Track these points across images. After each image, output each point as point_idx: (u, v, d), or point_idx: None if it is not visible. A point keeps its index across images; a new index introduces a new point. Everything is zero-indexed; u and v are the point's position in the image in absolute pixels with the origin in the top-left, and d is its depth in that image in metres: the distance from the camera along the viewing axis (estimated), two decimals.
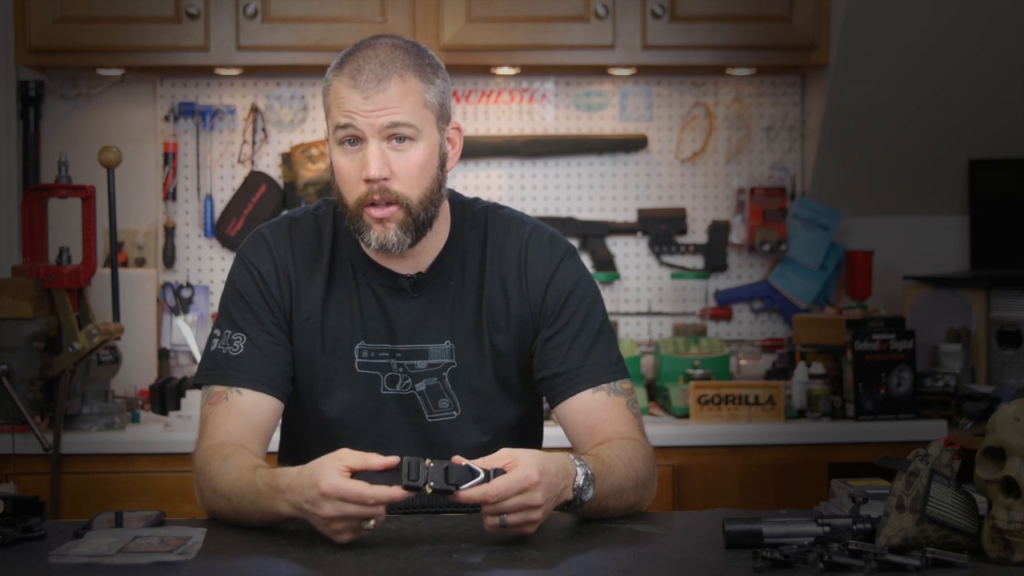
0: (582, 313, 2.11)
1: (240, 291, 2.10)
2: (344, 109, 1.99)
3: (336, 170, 2.03)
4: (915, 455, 1.73)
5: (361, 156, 1.99)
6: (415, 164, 2.00)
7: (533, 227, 2.16)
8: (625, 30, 3.63)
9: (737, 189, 3.98)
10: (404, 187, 2.00)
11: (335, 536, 1.78)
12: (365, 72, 1.98)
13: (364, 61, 1.99)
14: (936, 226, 4.02)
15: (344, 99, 1.99)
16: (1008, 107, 3.81)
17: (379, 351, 2.10)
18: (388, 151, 1.99)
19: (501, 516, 1.76)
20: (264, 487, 1.86)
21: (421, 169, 2.01)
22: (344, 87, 1.99)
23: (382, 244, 2.02)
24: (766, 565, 1.67)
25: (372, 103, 1.97)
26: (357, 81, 1.98)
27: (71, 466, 3.23)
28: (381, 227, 2.01)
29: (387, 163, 1.99)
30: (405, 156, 2.00)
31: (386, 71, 1.98)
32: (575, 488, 1.86)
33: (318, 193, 3.80)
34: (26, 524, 1.86)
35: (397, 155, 2.00)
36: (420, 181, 2.01)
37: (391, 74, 1.98)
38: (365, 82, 1.98)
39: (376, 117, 1.97)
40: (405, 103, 1.98)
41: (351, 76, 1.99)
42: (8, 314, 3.15)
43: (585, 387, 2.08)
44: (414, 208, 2.01)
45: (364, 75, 1.98)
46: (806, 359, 3.60)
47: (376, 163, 1.98)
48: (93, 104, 3.88)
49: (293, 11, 3.59)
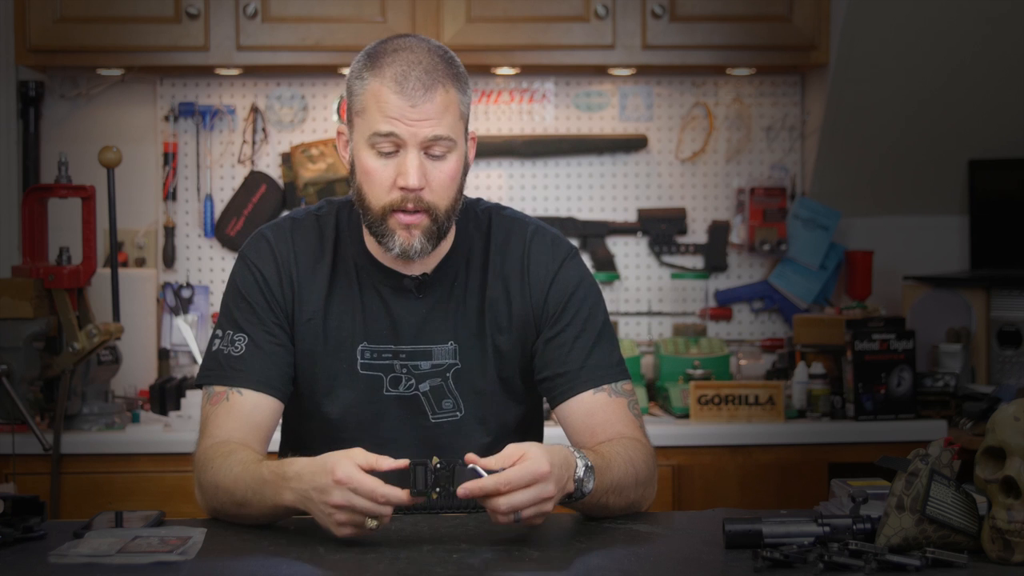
0: (584, 314, 2.11)
1: (242, 291, 2.10)
2: (388, 115, 1.96)
3: (365, 171, 2.00)
4: (915, 455, 1.73)
5: (396, 163, 1.98)
6: (449, 175, 2.00)
7: (536, 228, 2.16)
8: (625, 30, 3.63)
9: (737, 189, 3.98)
10: (436, 197, 2.00)
11: (336, 528, 1.77)
12: (411, 79, 1.96)
13: (408, 67, 1.97)
14: (936, 226, 4.02)
15: (388, 104, 1.96)
16: (1008, 107, 3.81)
17: (382, 352, 2.10)
18: (425, 160, 1.98)
19: (516, 513, 1.75)
20: (270, 476, 1.86)
21: (452, 179, 2.01)
22: (389, 91, 1.96)
23: (405, 250, 2.01)
24: (766, 565, 1.67)
25: (418, 112, 1.95)
26: (404, 88, 1.95)
27: (71, 466, 3.23)
28: (407, 233, 2.00)
29: (424, 172, 1.98)
30: (441, 167, 1.99)
31: (432, 79, 1.97)
32: (576, 479, 1.86)
33: (318, 193, 3.80)
34: (26, 524, 1.86)
35: (433, 165, 1.99)
36: (451, 191, 2.02)
37: (436, 83, 1.97)
38: (412, 90, 1.95)
39: (420, 127, 1.96)
40: (447, 115, 1.98)
41: (397, 81, 1.96)
42: (8, 314, 3.15)
43: (586, 388, 2.08)
44: (440, 217, 2.01)
45: (411, 82, 1.96)
46: (806, 359, 3.60)
47: (416, 173, 1.96)
48: (93, 104, 3.88)
49: (293, 11, 3.59)
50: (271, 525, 1.92)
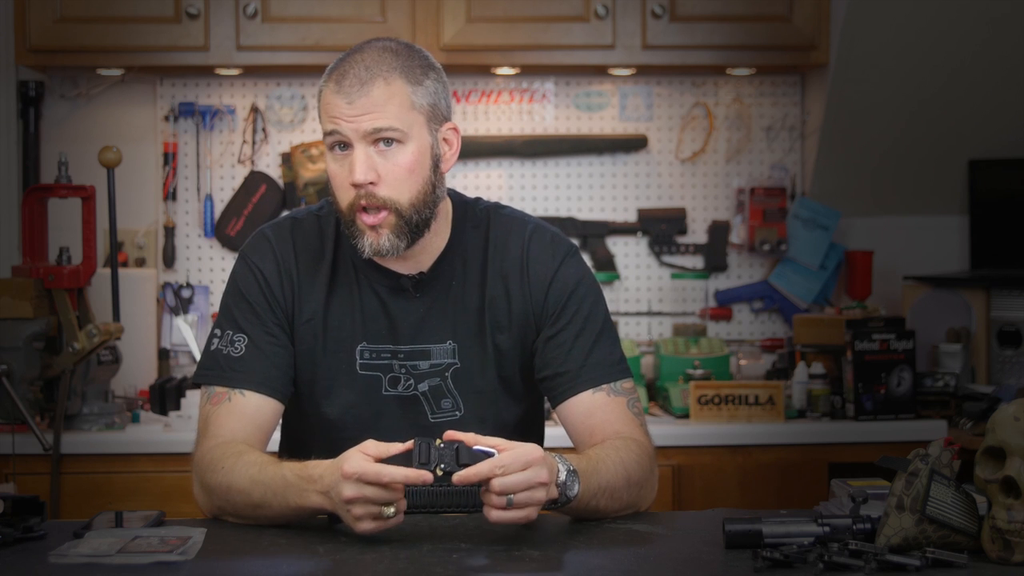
0: (584, 313, 2.11)
1: (242, 291, 2.10)
2: (330, 115, 2.00)
3: (329, 176, 2.04)
4: (915, 455, 1.73)
5: (349, 161, 2.00)
6: (402, 167, 2.00)
7: (535, 227, 2.16)
8: (625, 30, 3.63)
9: (737, 189, 3.98)
10: (392, 191, 2.00)
11: (356, 524, 1.77)
12: (349, 76, 1.99)
13: (350, 66, 2.00)
14: (936, 226, 4.02)
15: (330, 105, 2.00)
16: (1008, 107, 3.81)
17: (381, 352, 2.10)
18: (375, 155, 1.99)
19: (508, 496, 1.76)
20: (294, 478, 1.86)
21: (408, 172, 2.01)
22: (330, 93, 2.00)
23: (375, 250, 2.02)
24: (766, 565, 1.67)
25: (356, 107, 1.98)
26: (341, 86, 1.99)
27: (71, 466, 3.23)
28: (374, 233, 2.01)
29: (373, 167, 1.99)
30: (392, 159, 2.00)
31: (370, 74, 1.99)
32: (558, 484, 1.85)
33: (318, 193, 3.80)
34: (26, 524, 1.86)
35: (383, 159, 2.00)
36: (409, 184, 2.01)
37: (375, 77, 1.99)
38: (349, 86, 1.98)
39: (360, 122, 1.98)
40: (389, 106, 1.98)
41: (336, 81, 2.00)
42: (8, 314, 3.15)
43: (585, 388, 2.08)
44: (405, 211, 2.01)
45: (348, 79, 1.99)
46: (806, 359, 3.60)
47: (360, 168, 1.98)
48: (93, 104, 3.88)
49: (293, 11, 3.59)
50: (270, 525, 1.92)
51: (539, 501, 1.78)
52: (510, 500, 1.76)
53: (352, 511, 1.77)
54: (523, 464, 1.76)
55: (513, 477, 1.75)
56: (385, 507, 1.76)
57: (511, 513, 1.77)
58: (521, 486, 1.76)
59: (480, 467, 1.75)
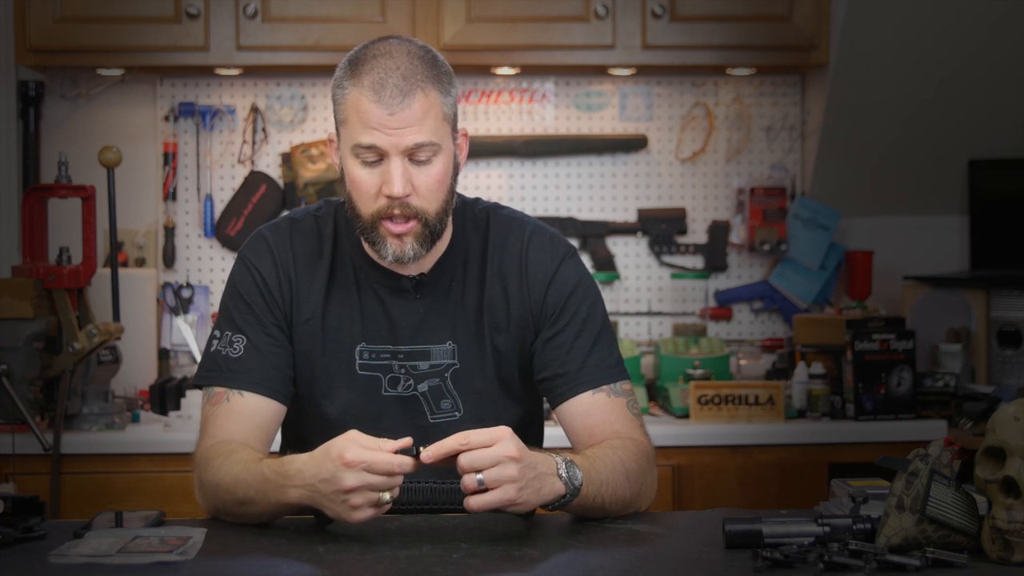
0: (583, 314, 2.11)
1: (241, 292, 2.10)
2: (368, 126, 1.95)
3: (352, 181, 2.00)
4: (915, 455, 1.73)
5: (381, 171, 1.97)
6: (435, 180, 2.00)
7: (534, 227, 2.16)
8: (625, 30, 3.63)
9: (737, 189, 3.98)
10: (424, 202, 1.99)
11: (351, 513, 1.77)
12: (388, 87, 1.94)
13: (386, 73, 1.95)
14: (936, 226, 4.02)
15: (367, 114, 1.95)
16: (1008, 107, 3.81)
17: (380, 352, 2.10)
18: (410, 167, 1.98)
19: (478, 476, 1.76)
20: (272, 475, 1.86)
21: (440, 183, 2.00)
22: (367, 101, 1.95)
23: (398, 258, 2.01)
24: (766, 565, 1.67)
25: (397, 120, 1.94)
26: (381, 96, 1.94)
27: (71, 466, 3.23)
28: (399, 241, 2.00)
29: (409, 179, 1.97)
30: (426, 172, 1.99)
31: (409, 85, 1.95)
32: (562, 477, 1.85)
33: (318, 193, 3.80)
34: (26, 524, 1.86)
35: (418, 171, 1.98)
36: (439, 195, 2.01)
37: (414, 88, 1.95)
38: (390, 98, 1.94)
39: (401, 136, 1.94)
40: (428, 120, 1.96)
41: (374, 90, 1.94)
42: (8, 314, 3.15)
43: (585, 389, 2.07)
44: (431, 221, 2.01)
45: (388, 90, 1.94)
46: (806, 359, 3.60)
47: (400, 181, 1.96)
48: (93, 104, 3.88)
49: (293, 11, 3.59)
50: (270, 525, 1.92)
51: (511, 477, 1.77)
52: (481, 480, 1.76)
53: (351, 500, 1.76)
54: (488, 439, 1.77)
55: (479, 452, 1.76)
56: (384, 493, 1.77)
57: (487, 496, 1.77)
58: (488, 461, 1.76)
59: (447, 441, 1.77)
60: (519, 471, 1.78)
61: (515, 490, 1.78)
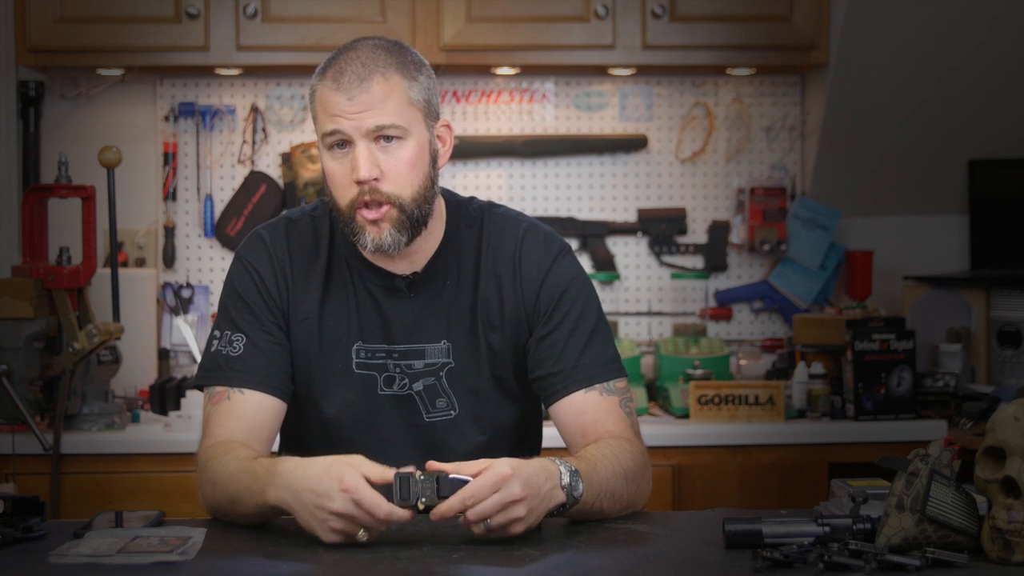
0: (576, 312, 2.11)
1: (239, 292, 2.11)
2: (330, 114, 1.99)
3: (327, 175, 2.03)
4: (915, 455, 1.73)
5: (350, 158, 1.99)
6: (404, 163, 2.00)
7: (528, 225, 2.16)
8: (625, 30, 3.63)
9: (737, 189, 3.98)
10: (395, 186, 2.00)
11: (326, 533, 1.76)
12: (347, 74, 1.99)
13: (346, 63, 2.00)
14: (936, 226, 4.02)
15: (329, 103, 2.00)
16: (1008, 107, 3.81)
17: (376, 351, 2.10)
18: (376, 151, 1.99)
19: (484, 521, 1.76)
20: (263, 472, 1.86)
21: (410, 167, 2.01)
22: (328, 91, 2.00)
23: (378, 245, 2.02)
24: (766, 565, 1.67)
25: (356, 104, 1.98)
26: (340, 83, 1.99)
27: (71, 466, 3.23)
28: (376, 228, 2.01)
29: (376, 163, 1.99)
30: (394, 155, 2.00)
31: (368, 71, 1.99)
32: (564, 487, 1.85)
33: (318, 193, 3.80)
34: (26, 524, 1.86)
35: (386, 155, 2.00)
36: (411, 179, 2.01)
37: (373, 73, 1.99)
38: (348, 83, 1.98)
39: (362, 119, 1.98)
40: (389, 102, 1.99)
41: (334, 79, 2.00)
42: (8, 314, 3.15)
43: (578, 388, 2.07)
44: (407, 206, 2.01)
45: (346, 76, 1.99)
46: (806, 359, 3.60)
47: (365, 164, 1.98)
48: (93, 104, 3.88)
49: (293, 11, 3.59)
50: (269, 525, 1.92)
51: (518, 517, 1.77)
52: (488, 526, 1.76)
53: (331, 523, 1.76)
54: (492, 487, 1.75)
55: (484, 504, 1.75)
56: (363, 531, 1.76)
57: (496, 535, 1.78)
58: (494, 509, 1.76)
59: (451, 501, 1.75)
60: (526, 509, 1.78)
61: (522, 527, 1.79)
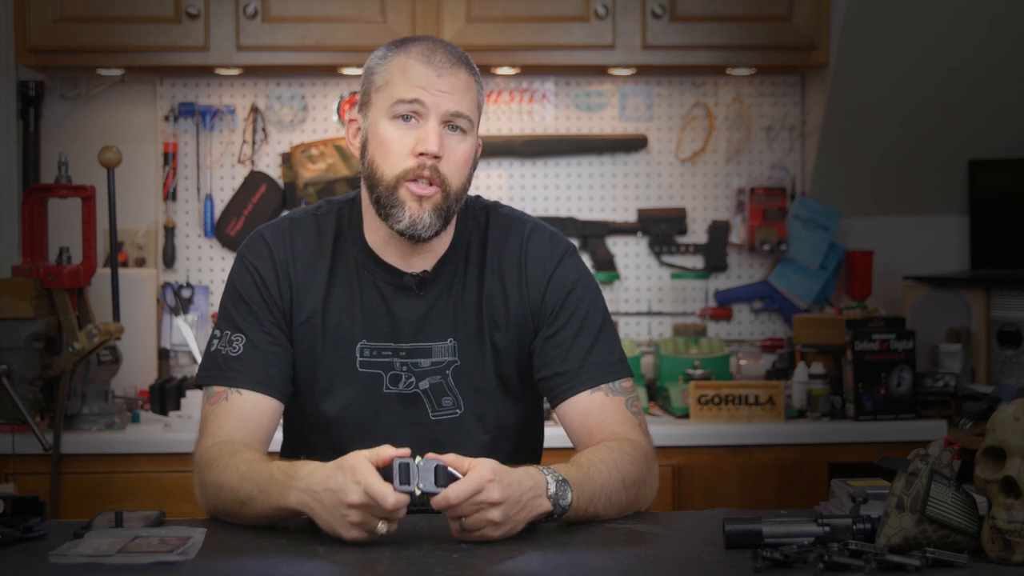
0: (582, 312, 2.11)
1: (240, 292, 2.11)
2: (414, 84, 2.00)
3: (382, 143, 2.02)
4: (915, 455, 1.73)
5: (416, 132, 2.00)
6: (461, 155, 2.03)
7: (533, 226, 2.16)
8: (625, 30, 3.63)
9: (737, 189, 3.98)
10: (451, 172, 2.02)
11: (346, 529, 1.76)
12: (439, 53, 2.02)
13: (434, 46, 2.04)
14: (936, 226, 4.02)
15: (415, 73, 2.01)
16: (1008, 107, 3.81)
17: (381, 350, 2.09)
18: (444, 134, 2.02)
19: (460, 520, 1.77)
20: (280, 475, 1.85)
21: (464, 162, 2.04)
22: (416, 62, 2.01)
23: (413, 223, 2.02)
24: (766, 565, 1.67)
25: (444, 83, 2.00)
26: (432, 60, 2.01)
27: (71, 466, 3.23)
28: (418, 206, 2.01)
29: (442, 144, 2.01)
30: (458, 144, 2.03)
31: (458, 59, 2.04)
32: (550, 496, 1.85)
33: (318, 193, 3.80)
34: (26, 524, 1.86)
35: (451, 141, 2.02)
36: (462, 173, 2.04)
37: (462, 63, 2.04)
38: (440, 62, 2.01)
39: (445, 99, 2.00)
40: (468, 95, 2.03)
41: (423, 54, 2.02)
42: (8, 314, 3.15)
43: (583, 388, 2.07)
44: (452, 195, 2.03)
45: (439, 56, 2.02)
46: (806, 359, 3.60)
47: (436, 139, 2.00)
48: (93, 104, 3.88)
49: (293, 11, 3.59)
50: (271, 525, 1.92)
51: (492, 520, 1.77)
52: (463, 525, 1.77)
53: (350, 516, 1.76)
54: (473, 488, 1.76)
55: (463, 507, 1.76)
56: (381, 523, 1.76)
57: (469, 535, 1.78)
58: (469, 509, 1.76)
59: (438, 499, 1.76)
60: (501, 514, 1.78)
61: (498, 532, 1.79)
